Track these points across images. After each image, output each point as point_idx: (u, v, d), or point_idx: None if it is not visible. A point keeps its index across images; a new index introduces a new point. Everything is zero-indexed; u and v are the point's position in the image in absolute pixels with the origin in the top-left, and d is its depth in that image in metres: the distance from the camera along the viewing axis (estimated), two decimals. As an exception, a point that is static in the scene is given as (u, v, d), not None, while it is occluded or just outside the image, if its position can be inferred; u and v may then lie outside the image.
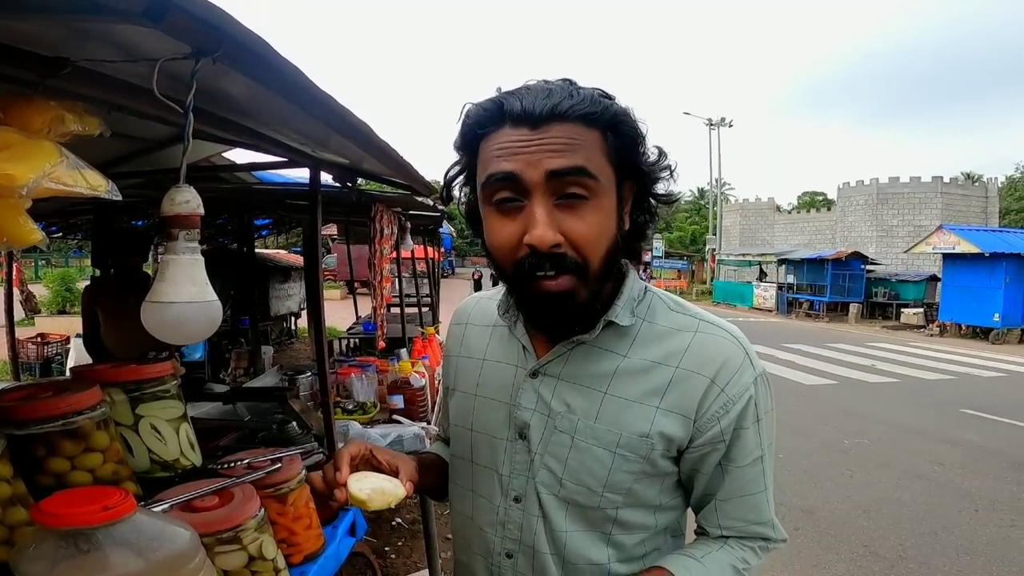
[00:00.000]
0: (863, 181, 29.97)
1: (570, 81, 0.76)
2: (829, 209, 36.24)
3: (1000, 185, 33.76)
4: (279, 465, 1.44)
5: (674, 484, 0.86)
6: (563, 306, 0.75)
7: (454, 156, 0.83)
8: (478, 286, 22.86)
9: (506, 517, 0.88)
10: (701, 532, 0.89)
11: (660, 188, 0.82)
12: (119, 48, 0.85)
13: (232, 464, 1.42)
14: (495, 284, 0.94)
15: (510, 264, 0.76)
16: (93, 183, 0.92)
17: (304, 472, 1.56)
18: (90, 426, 1.16)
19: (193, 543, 0.94)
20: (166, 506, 1.15)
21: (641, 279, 0.88)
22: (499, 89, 0.76)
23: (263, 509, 1.29)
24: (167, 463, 1.39)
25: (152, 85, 0.80)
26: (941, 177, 28.58)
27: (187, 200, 0.96)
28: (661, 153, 0.80)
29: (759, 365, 0.82)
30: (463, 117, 0.77)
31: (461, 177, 0.84)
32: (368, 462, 0.87)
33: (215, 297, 0.99)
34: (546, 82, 0.75)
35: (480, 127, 0.75)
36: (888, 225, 28.62)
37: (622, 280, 0.84)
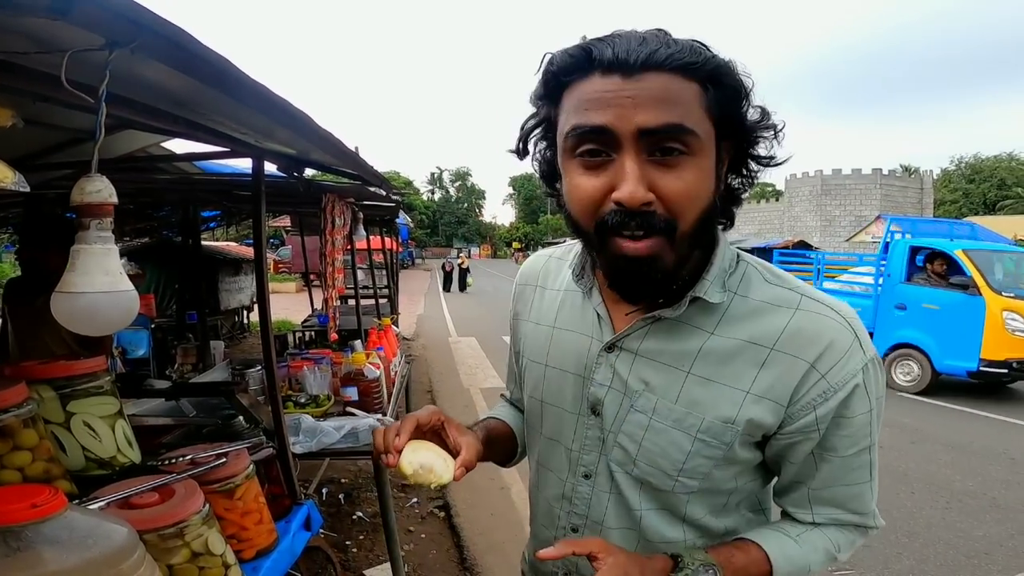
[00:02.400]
0: (808, 173, 31.14)
1: (664, 31, 0.69)
2: (778, 200, 37.50)
3: (935, 177, 35.61)
4: (223, 460, 1.42)
5: (752, 468, 0.81)
6: (645, 272, 0.69)
7: (529, 109, 0.76)
8: (448, 278, 22.51)
9: (573, 492, 0.86)
10: (787, 516, 0.84)
11: (761, 150, 0.75)
12: (31, 40, 0.82)
13: (174, 460, 1.40)
14: (461, 278, 0.91)
15: (591, 220, 0.69)
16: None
17: (252, 467, 1.55)
18: (16, 424, 1.13)
19: (130, 539, 0.93)
20: (102, 503, 1.12)
21: None
22: (584, 37, 0.70)
23: (207, 504, 1.27)
24: (103, 461, 1.35)
25: (61, 75, 0.78)
26: (880, 169, 29.98)
27: (98, 190, 0.94)
28: (764, 113, 0.73)
29: (870, 349, 0.74)
30: (544, 64, 0.71)
31: (539, 130, 0.77)
32: (437, 433, 0.82)
33: (130, 287, 0.98)
34: (637, 31, 0.69)
35: (565, 74, 0.69)
36: (831, 215, 29.86)
37: (712, 248, 0.76)
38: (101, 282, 0.93)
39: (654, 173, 0.66)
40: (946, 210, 38.06)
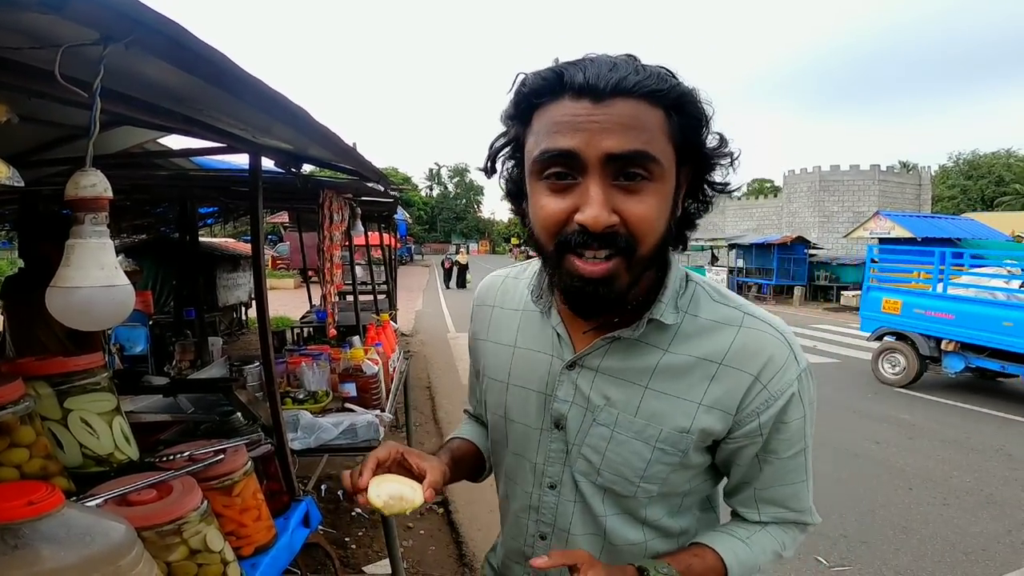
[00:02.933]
0: (807, 169, 31.09)
1: (634, 57, 0.72)
2: (776, 196, 37.48)
3: (933, 174, 35.60)
4: (221, 457, 1.42)
5: (704, 470, 0.87)
6: (600, 292, 0.71)
7: (500, 127, 0.79)
8: (449, 275, 22.40)
9: (539, 503, 0.90)
10: (737, 516, 0.91)
11: (717, 176, 0.79)
12: (25, 35, 0.81)
13: (172, 457, 1.40)
14: (460, 275, 0.93)
15: (553, 238, 0.72)
16: None
17: (250, 463, 1.54)
18: (13, 421, 1.12)
19: (128, 536, 0.93)
20: (100, 500, 1.12)
21: None
22: (557, 60, 0.72)
23: (206, 501, 1.27)
24: (101, 457, 1.35)
25: (55, 72, 0.77)
26: (879, 165, 29.93)
27: (93, 184, 0.94)
28: (723, 140, 0.76)
29: (803, 360, 0.81)
30: (517, 85, 0.73)
31: (507, 149, 0.79)
32: (401, 464, 0.85)
33: (126, 281, 0.97)
34: (609, 56, 0.71)
35: (536, 96, 0.71)
36: (829, 211, 29.83)
37: (666, 270, 0.81)
38: (96, 276, 0.93)
39: (618, 197, 0.69)
40: (944, 206, 38.09)
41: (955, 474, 4.71)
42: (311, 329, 6.31)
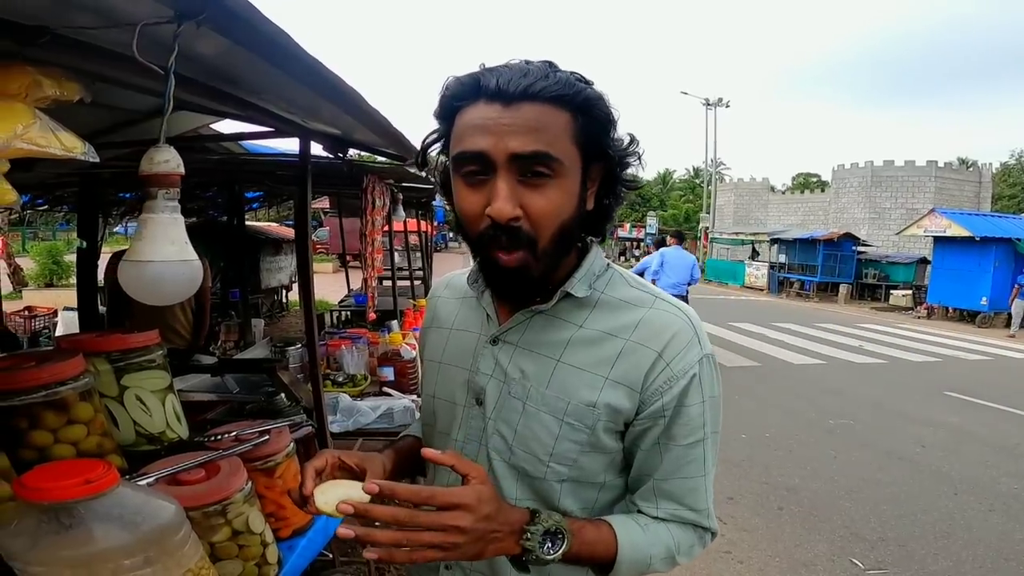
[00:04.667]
0: (858, 163, 30.02)
1: (550, 63, 0.78)
2: (823, 190, 36.32)
3: (994, 171, 33.90)
4: (267, 438, 1.43)
5: (619, 462, 0.88)
6: (516, 279, 0.79)
7: (434, 124, 0.85)
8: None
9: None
10: (638, 512, 0.89)
11: (628, 174, 0.85)
12: (98, 14, 0.82)
13: (219, 437, 1.41)
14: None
15: (475, 233, 0.79)
16: (68, 144, 0.90)
17: (292, 445, 1.56)
18: (73, 397, 1.14)
19: (178, 516, 0.93)
20: (151, 479, 1.13)
21: (635, 256, 0.88)
22: (482, 65, 0.79)
23: (250, 482, 1.27)
24: (153, 436, 1.37)
25: (133, 50, 0.77)
26: (936, 161, 28.66)
27: (166, 160, 0.95)
28: (632, 140, 0.83)
29: (707, 346, 0.84)
30: (443, 89, 0.80)
31: (438, 144, 0.86)
32: (342, 468, 0.87)
33: (195, 256, 0.99)
34: (527, 62, 0.77)
35: (457, 99, 0.78)
36: (881, 207, 28.76)
37: (584, 255, 0.87)
38: (167, 251, 0.95)
39: (523, 192, 0.75)
40: (1004, 205, 36.24)
41: (1003, 480, 4.56)
42: (348, 313, 6.41)
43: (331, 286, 11.01)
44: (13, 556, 0.80)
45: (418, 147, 0.88)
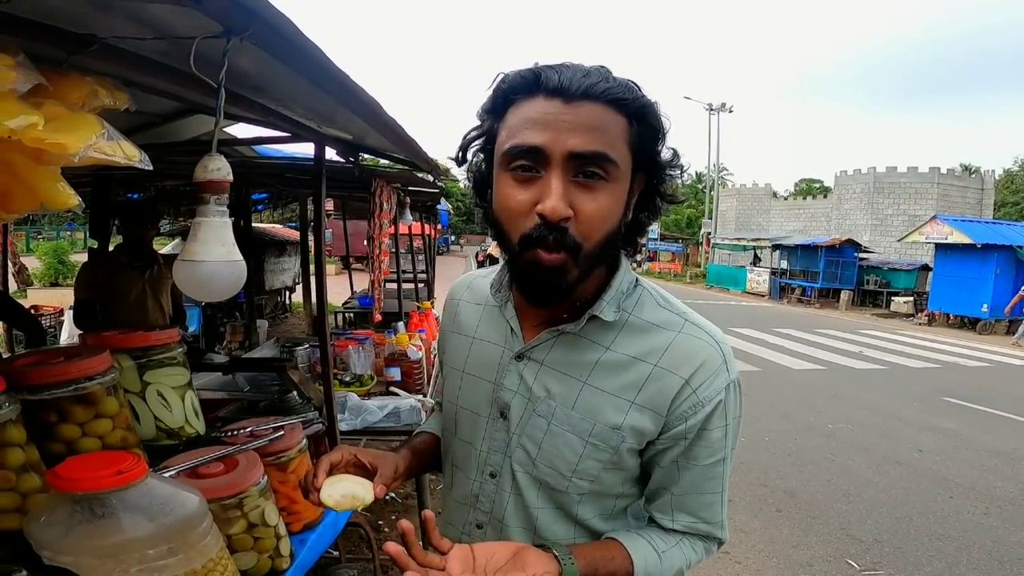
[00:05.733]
0: (860, 170, 29.98)
1: (606, 68, 0.78)
2: (825, 196, 36.30)
3: (997, 178, 33.86)
4: (281, 433, 1.47)
5: (638, 475, 0.89)
6: (553, 280, 0.77)
7: (475, 121, 0.84)
8: (482, 267, 22.36)
9: (480, 491, 0.92)
10: (652, 521, 0.91)
11: (668, 187, 0.84)
12: (150, 27, 0.86)
13: (235, 432, 1.45)
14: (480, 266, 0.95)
15: (516, 230, 0.77)
16: (128, 153, 0.95)
17: (305, 441, 1.60)
18: (101, 392, 1.18)
19: (202, 508, 0.96)
20: (174, 472, 1.17)
21: (635, 262, 0.90)
22: (537, 63, 0.78)
23: (265, 476, 1.30)
24: (172, 431, 1.41)
25: (189, 63, 0.82)
26: (938, 168, 28.61)
27: (218, 167, 1.01)
28: (675, 154, 0.82)
29: (734, 372, 0.84)
30: (497, 82, 0.79)
31: (479, 141, 0.84)
32: (357, 465, 0.90)
33: (240, 257, 1.05)
34: (584, 64, 0.77)
35: (513, 92, 0.77)
36: (883, 214, 28.73)
37: (614, 271, 0.85)
38: (219, 252, 1.01)
39: (575, 192, 0.74)
40: (1007, 212, 36.15)
41: (999, 484, 4.58)
42: (352, 315, 6.45)
43: (334, 288, 10.97)
44: (44, 545, 0.82)
45: (432, 156, 0.90)
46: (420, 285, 7.46)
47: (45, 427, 1.13)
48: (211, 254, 0.99)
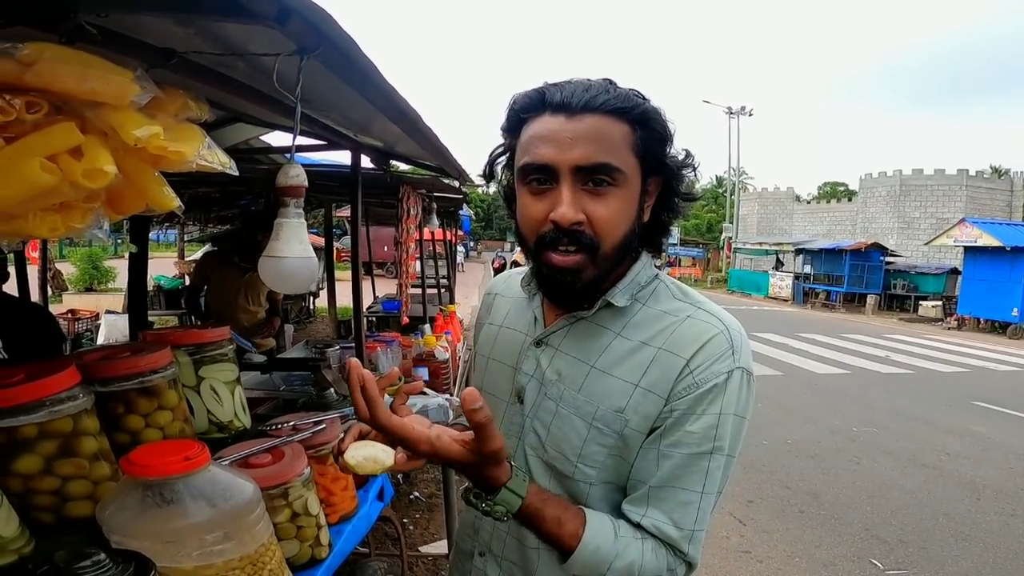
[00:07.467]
0: (886, 172, 29.51)
1: (610, 80, 0.83)
2: (850, 200, 35.75)
3: (1027, 179, 32.97)
4: (323, 427, 1.54)
5: None
6: (569, 280, 0.81)
7: (497, 139, 0.90)
8: (498, 274, 22.36)
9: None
10: (622, 516, 0.84)
11: (684, 186, 0.88)
12: (227, 45, 0.94)
13: (279, 425, 1.53)
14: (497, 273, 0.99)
15: (534, 236, 0.83)
16: (222, 161, 1.04)
17: (343, 435, 1.66)
18: (163, 385, 1.27)
19: (256, 495, 1.01)
20: (229, 461, 1.25)
21: (656, 266, 0.92)
22: (546, 81, 0.83)
23: (309, 468, 1.35)
24: (223, 424, 1.50)
25: (272, 79, 0.91)
26: (967, 170, 28.04)
27: (296, 174, 1.12)
28: (688, 155, 0.87)
29: (743, 361, 0.81)
30: (510, 103, 0.85)
31: (504, 157, 0.91)
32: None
33: (313, 254, 1.15)
34: (588, 79, 0.82)
35: (524, 112, 0.83)
36: (910, 217, 28.22)
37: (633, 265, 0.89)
38: (298, 249, 1.12)
39: (586, 199, 0.79)
40: (1038, 214, 35.25)
41: (1028, 487, 4.53)
42: (374, 319, 6.54)
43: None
44: (114, 530, 0.87)
45: (455, 160, 0.96)
46: (443, 290, 7.54)
47: (112, 418, 1.20)
48: (292, 251, 1.10)
